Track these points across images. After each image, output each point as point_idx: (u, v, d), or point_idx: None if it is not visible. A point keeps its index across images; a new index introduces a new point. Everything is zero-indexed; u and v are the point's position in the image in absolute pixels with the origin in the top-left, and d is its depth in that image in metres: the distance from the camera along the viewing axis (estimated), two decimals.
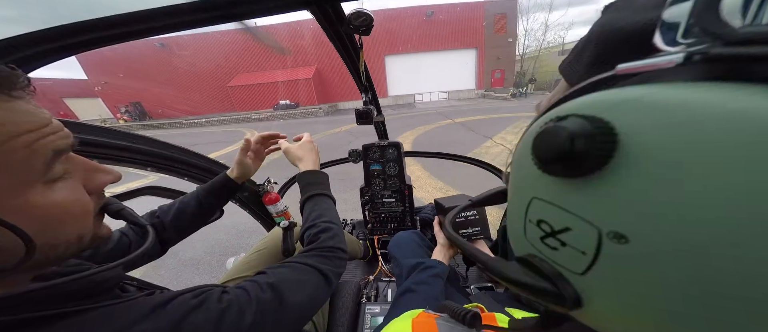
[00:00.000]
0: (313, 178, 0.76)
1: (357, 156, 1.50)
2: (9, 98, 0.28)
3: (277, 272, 0.50)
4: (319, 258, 0.58)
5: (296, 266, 0.53)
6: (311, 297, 0.51)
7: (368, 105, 1.01)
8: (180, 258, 2.60)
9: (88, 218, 0.36)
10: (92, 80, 21.93)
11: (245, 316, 0.39)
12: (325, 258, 0.58)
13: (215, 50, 20.13)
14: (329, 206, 0.73)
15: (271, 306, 0.43)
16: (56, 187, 0.31)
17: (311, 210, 0.70)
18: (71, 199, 0.33)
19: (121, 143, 0.83)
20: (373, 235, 1.61)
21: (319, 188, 0.75)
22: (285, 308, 0.45)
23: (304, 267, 0.54)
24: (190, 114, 20.52)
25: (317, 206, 0.71)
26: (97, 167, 0.39)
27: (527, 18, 25.67)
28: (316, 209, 0.70)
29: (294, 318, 0.47)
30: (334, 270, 0.59)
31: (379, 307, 1.07)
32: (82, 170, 0.37)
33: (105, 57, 20.83)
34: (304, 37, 18.78)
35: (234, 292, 0.41)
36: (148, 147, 0.91)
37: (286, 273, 0.50)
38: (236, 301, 0.40)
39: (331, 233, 0.64)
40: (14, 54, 0.50)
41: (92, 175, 0.38)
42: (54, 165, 0.31)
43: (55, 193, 0.31)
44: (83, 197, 0.35)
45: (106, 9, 0.47)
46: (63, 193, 0.32)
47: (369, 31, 0.63)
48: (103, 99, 22.18)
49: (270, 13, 0.51)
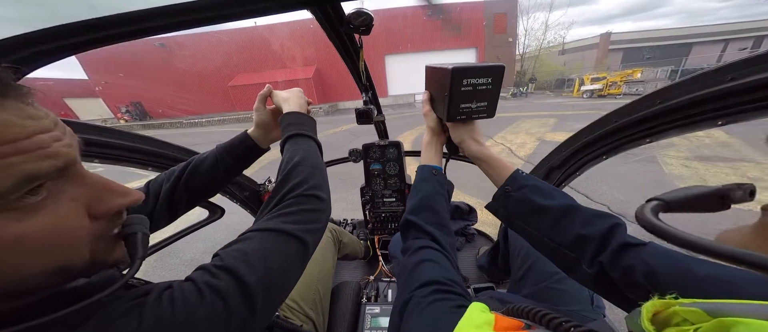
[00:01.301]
0: (295, 119, 0.67)
1: (357, 156, 1.50)
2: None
3: (229, 250, 0.41)
4: (282, 216, 0.47)
5: (252, 235, 0.44)
6: (279, 269, 0.41)
7: (368, 105, 1.01)
8: (181, 258, 2.60)
9: (74, 249, 0.30)
10: (92, 80, 21.93)
11: (197, 312, 0.32)
12: (289, 214, 0.47)
13: (215, 50, 20.13)
14: (309, 147, 0.62)
15: (228, 293, 0.35)
16: (33, 215, 0.26)
17: (285, 154, 0.60)
18: (53, 227, 0.28)
19: (122, 142, 0.84)
20: (373, 235, 1.61)
21: (300, 129, 0.65)
22: (248, 291, 0.37)
23: (262, 233, 0.44)
24: (190, 114, 20.53)
25: (293, 147, 0.60)
26: (113, 189, 0.34)
27: (527, 17, 25.72)
28: (290, 152, 0.59)
29: (264, 300, 0.38)
30: (306, 227, 0.47)
31: (379, 307, 1.07)
32: (94, 191, 0.32)
33: (105, 57, 20.84)
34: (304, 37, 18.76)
35: (179, 287, 0.34)
36: (149, 147, 0.91)
37: (241, 248, 0.41)
38: (181, 297, 0.33)
39: (301, 178, 0.53)
40: (14, 54, 0.50)
41: (105, 197, 0.33)
42: (24, 192, 0.26)
43: (21, 223, 0.26)
44: (74, 224, 0.30)
45: (106, 9, 0.47)
46: (42, 221, 0.27)
47: (369, 30, 0.63)
48: (104, 99, 22.18)
49: (270, 13, 0.51)
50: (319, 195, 0.53)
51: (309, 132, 0.66)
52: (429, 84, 0.73)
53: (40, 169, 0.27)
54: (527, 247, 0.95)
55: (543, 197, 0.55)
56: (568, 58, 32.95)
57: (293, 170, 0.54)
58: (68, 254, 0.30)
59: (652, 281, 0.38)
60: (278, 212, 0.48)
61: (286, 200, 0.50)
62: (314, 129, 0.69)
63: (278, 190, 0.52)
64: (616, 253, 0.44)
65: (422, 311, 0.42)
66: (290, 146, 0.61)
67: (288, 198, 0.50)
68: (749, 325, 0.19)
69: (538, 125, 7.60)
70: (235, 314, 0.35)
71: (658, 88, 0.65)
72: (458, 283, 0.48)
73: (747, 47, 27.64)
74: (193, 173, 0.68)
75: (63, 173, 0.29)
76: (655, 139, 0.68)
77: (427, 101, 0.72)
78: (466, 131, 0.66)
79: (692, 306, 0.22)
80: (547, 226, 0.53)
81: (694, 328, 0.21)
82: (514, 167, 0.62)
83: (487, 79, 0.59)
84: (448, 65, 0.59)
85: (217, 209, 1.27)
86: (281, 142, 0.64)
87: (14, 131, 0.25)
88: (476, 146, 0.65)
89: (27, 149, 0.26)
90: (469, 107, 0.62)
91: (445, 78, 0.59)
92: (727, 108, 0.53)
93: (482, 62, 0.58)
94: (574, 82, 18.76)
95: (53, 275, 0.29)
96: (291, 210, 0.48)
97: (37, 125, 0.27)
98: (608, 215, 0.50)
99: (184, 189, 0.67)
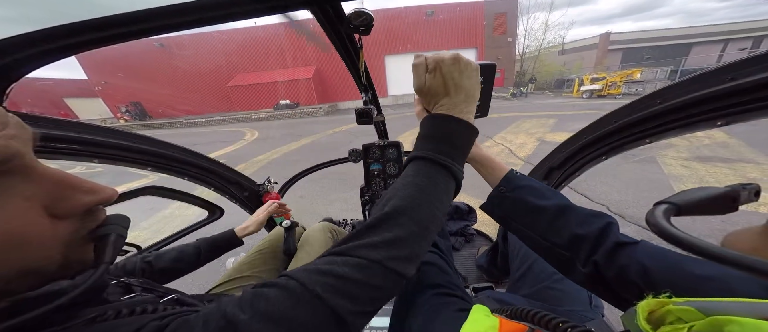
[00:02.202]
0: (444, 128, 0.44)
1: (357, 156, 1.50)
2: None
3: (250, 302, 0.31)
4: (331, 276, 0.33)
5: (289, 289, 0.32)
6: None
7: (368, 105, 1.01)
8: None
9: (36, 250, 0.28)
10: (92, 80, 21.94)
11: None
12: (341, 279, 0.33)
13: (215, 50, 20.13)
14: (435, 186, 0.41)
15: None
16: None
17: (400, 181, 0.42)
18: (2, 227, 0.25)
19: (122, 142, 0.83)
20: None
21: (442, 149, 0.43)
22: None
23: (294, 291, 0.32)
24: (190, 114, 20.52)
25: (416, 177, 0.41)
26: (77, 186, 0.31)
27: (527, 18, 25.72)
28: (405, 186, 0.40)
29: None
30: (353, 309, 0.33)
31: None
32: (54, 189, 0.29)
33: (105, 57, 20.85)
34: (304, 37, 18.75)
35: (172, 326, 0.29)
36: (149, 147, 0.91)
37: (263, 306, 0.30)
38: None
39: (392, 236, 0.36)
40: (14, 54, 0.50)
41: (67, 195, 0.30)
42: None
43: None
44: (26, 225, 0.27)
45: (106, 9, 0.47)
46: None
47: (369, 30, 0.63)
48: (104, 99, 22.19)
49: (270, 13, 0.51)
50: (401, 271, 0.36)
51: (448, 161, 0.42)
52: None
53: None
54: (526, 247, 0.95)
55: (537, 197, 0.55)
56: (567, 58, 32.97)
57: (389, 220, 0.37)
58: (29, 256, 0.27)
59: (647, 280, 0.39)
60: (333, 265, 0.34)
61: (355, 255, 0.35)
62: (463, 153, 0.45)
63: (360, 234, 0.37)
64: (610, 253, 0.44)
65: (425, 314, 0.42)
66: (413, 171, 0.42)
67: (357, 254, 0.35)
68: (742, 323, 0.19)
69: (538, 125, 7.60)
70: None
71: (658, 88, 0.65)
72: (457, 285, 0.48)
73: (747, 47, 27.66)
74: (173, 263, 0.79)
75: (3, 168, 0.26)
76: (655, 139, 0.68)
77: (419, 102, 0.70)
78: None
79: (686, 305, 0.23)
80: (542, 226, 0.53)
81: (688, 326, 0.22)
82: (508, 167, 0.62)
83: (479, 78, 0.55)
84: None
85: (217, 210, 1.27)
86: (407, 159, 0.46)
87: None
88: None
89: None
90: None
91: None
92: (726, 108, 0.53)
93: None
94: (573, 82, 18.75)
95: (18, 278, 0.27)
96: (348, 276, 0.33)
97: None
98: (602, 214, 0.50)
99: (160, 274, 0.75)
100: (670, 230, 0.28)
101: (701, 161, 4.11)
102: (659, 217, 0.30)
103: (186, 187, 1.13)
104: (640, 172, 3.84)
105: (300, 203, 3.43)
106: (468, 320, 0.37)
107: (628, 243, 0.44)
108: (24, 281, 0.28)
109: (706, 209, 0.33)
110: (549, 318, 0.34)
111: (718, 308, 0.21)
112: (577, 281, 0.50)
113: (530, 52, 25.67)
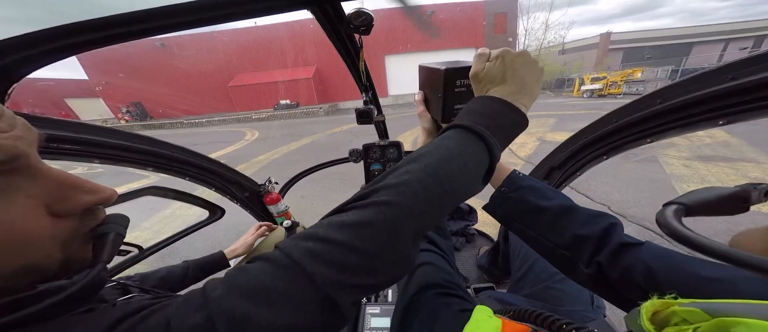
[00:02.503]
0: (487, 105, 0.42)
1: (357, 156, 1.50)
2: None
3: (230, 277, 0.29)
4: (312, 244, 0.29)
5: (271, 259, 0.29)
6: (282, 325, 0.26)
7: (368, 104, 1.01)
8: (181, 257, 2.60)
9: (36, 249, 0.28)
10: (93, 80, 21.96)
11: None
12: (318, 240, 0.29)
13: (215, 50, 20.14)
14: (462, 148, 0.37)
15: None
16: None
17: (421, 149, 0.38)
18: (5, 225, 0.26)
19: (122, 143, 0.84)
20: None
21: (478, 120, 0.39)
22: None
23: (278, 264, 0.28)
24: (190, 114, 20.54)
25: (441, 139, 0.38)
26: (78, 185, 0.32)
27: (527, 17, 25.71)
28: (428, 148, 0.37)
29: None
30: (338, 276, 0.28)
31: (379, 308, 1.07)
32: (55, 188, 0.30)
33: (105, 57, 20.87)
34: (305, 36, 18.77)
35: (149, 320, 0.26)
36: (149, 147, 0.91)
37: (241, 280, 0.28)
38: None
39: (392, 174, 0.33)
40: (14, 54, 0.50)
41: (68, 195, 0.31)
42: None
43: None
44: (28, 224, 0.27)
45: (106, 9, 0.47)
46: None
47: (369, 30, 0.63)
48: (104, 99, 22.21)
49: (270, 13, 0.51)
50: (399, 231, 0.31)
51: (486, 133, 0.38)
52: (423, 84, 0.70)
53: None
54: (527, 247, 0.95)
55: (540, 197, 0.54)
56: (568, 58, 32.93)
57: (398, 168, 0.35)
58: (29, 253, 0.28)
59: (651, 281, 0.38)
60: (320, 227, 0.31)
61: (348, 209, 0.33)
62: (505, 136, 0.41)
63: (351, 201, 0.34)
64: (614, 253, 0.44)
65: (426, 315, 0.42)
66: (443, 136, 0.40)
67: (350, 208, 0.32)
68: (750, 325, 0.18)
69: (538, 125, 7.59)
70: None
71: (659, 87, 0.65)
72: (459, 285, 0.47)
73: (748, 47, 27.61)
74: (160, 284, 0.79)
75: (9, 168, 0.26)
76: (656, 139, 0.68)
77: (420, 101, 0.71)
78: None
79: (691, 306, 0.22)
80: (544, 226, 0.53)
81: (693, 328, 0.21)
82: (511, 167, 0.62)
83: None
84: (441, 65, 0.56)
85: (217, 210, 1.27)
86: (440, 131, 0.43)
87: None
88: None
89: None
90: (461, 108, 0.56)
91: (438, 79, 0.57)
92: (728, 108, 0.53)
93: None
94: (574, 81, 18.73)
95: (19, 275, 0.28)
96: (331, 238, 0.30)
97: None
98: (605, 215, 0.50)
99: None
100: (682, 232, 0.27)
101: (703, 160, 4.10)
102: (670, 218, 0.30)
103: (187, 187, 1.13)
104: (641, 172, 3.83)
105: (301, 203, 3.43)
106: (470, 321, 0.36)
107: (632, 244, 0.44)
108: (24, 279, 0.29)
109: (716, 210, 0.32)
110: (552, 319, 0.34)
111: (725, 309, 0.20)
112: (579, 281, 0.50)
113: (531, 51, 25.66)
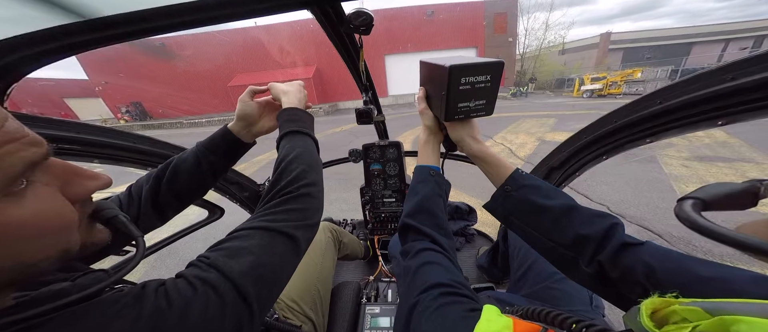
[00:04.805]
0: (292, 115, 0.66)
1: (357, 156, 1.50)
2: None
3: (215, 249, 0.42)
4: (272, 214, 0.48)
5: (240, 233, 0.45)
6: (268, 263, 0.42)
7: (368, 105, 1.01)
8: (181, 258, 2.60)
9: (69, 231, 0.32)
10: (92, 80, 21.93)
11: (193, 304, 0.33)
12: (279, 213, 0.48)
13: (215, 50, 20.13)
14: (305, 144, 0.62)
15: (219, 284, 0.36)
16: (22, 201, 0.27)
17: (281, 151, 0.60)
18: (44, 212, 0.28)
19: (122, 143, 0.83)
20: (373, 235, 1.61)
21: (297, 126, 0.64)
22: (236, 283, 0.37)
23: (249, 231, 0.44)
24: (190, 114, 20.53)
25: (289, 144, 0.61)
26: (80, 173, 0.35)
27: (527, 17, 25.71)
28: (285, 149, 0.59)
29: (255, 292, 0.39)
30: (295, 223, 0.48)
31: (379, 308, 1.07)
32: (62, 176, 0.32)
33: (105, 57, 20.84)
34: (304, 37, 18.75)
35: (172, 282, 0.35)
36: (149, 147, 0.91)
37: (227, 246, 0.42)
38: (175, 291, 0.34)
39: (293, 175, 0.53)
40: (14, 54, 0.50)
41: (74, 181, 0.33)
42: (17, 179, 0.26)
43: (21, 208, 0.26)
44: (62, 208, 0.31)
45: (106, 9, 0.47)
46: (32, 206, 0.27)
47: (369, 30, 0.63)
48: (104, 99, 22.18)
49: (270, 13, 0.51)
50: (311, 193, 0.54)
51: (306, 129, 0.65)
52: (424, 80, 0.68)
53: (34, 155, 0.28)
54: (527, 247, 0.95)
55: (543, 197, 0.54)
56: (568, 58, 32.94)
57: (287, 168, 0.55)
58: (64, 236, 0.31)
59: (653, 281, 0.38)
60: (269, 210, 0.49)
61: (278, 198, 0.51)
62: (311, 126, 0.69)
63: (272, 187, 0.53)
64: (616, 253, 0.44)
65: (432, 315, 0.41)
66: (286, 142, 0.61)
67: (280, 196, 0.51)
68: (750, 323, 0.18)
69: (538, 125, 7.59)
70: (229, 304, 0.36)
71: (659, 88, 0.65)
72: (464, 285, 0.47)
73: (747, 47, 27.60)
74: (175, 173, 0.65)
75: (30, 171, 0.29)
76: (656, 139, 0.68)
77: (422, 98, 0.70)
78: (464, 129, 0.66)
79: (692, 305, 0.22)
80: (546, 226, 0.53)
81: (693, 326, 0.21)
82: (513, 166, 0.62)
83: (486, 77, 0.56)
84: (445, 62, 0.55)
85: (217, 210, 1.27)
86: (278, 139, 0.64)
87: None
88: (476, 145, 0.65)
89: (14, 136, 0.26)
90: (467, 106, 0.59)
91: (443, 76, 0.55)
92: (727, 108, 0.53)
93: (480, 58, 0.57)
94: (574, 82, 18.74)
95: (55, 258, 0.30)
96: (282, 208, 0.49)
97: (4, 113, 0.28)
98: (607, 215, 0.50)
99: (168, 190, 0.65)
100: (705, 224, 0.27)
101: (701, 160, 4.11)
102: (689, 211, 0.30)
103: None
104: (640, 172, 3.84)
105: None
106: (481, 319, 0.36)
107: (634, 244, 0.44)
108: (56, 263, 0.31)
109: (729, 204, 0.32)
110: (563, 318, 0.34)
111: (726, 309, 0.20)
112: (579, 281, 0.50)
113: (530, 51, 25.65)
